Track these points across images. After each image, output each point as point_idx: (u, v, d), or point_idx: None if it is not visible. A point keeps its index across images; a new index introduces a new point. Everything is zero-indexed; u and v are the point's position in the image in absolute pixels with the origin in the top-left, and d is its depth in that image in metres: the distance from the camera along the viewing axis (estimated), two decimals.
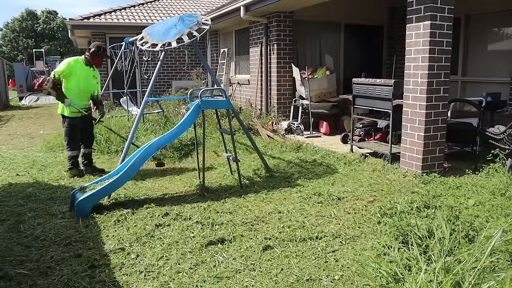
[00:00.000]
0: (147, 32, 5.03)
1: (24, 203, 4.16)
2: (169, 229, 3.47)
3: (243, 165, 5.54)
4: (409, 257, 2.61)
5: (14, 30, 39.78)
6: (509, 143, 4.53)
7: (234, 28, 10.73)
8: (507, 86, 6.96)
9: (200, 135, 5.68)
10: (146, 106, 5.37)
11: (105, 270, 2.79)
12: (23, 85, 20.95)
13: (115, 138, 6.69)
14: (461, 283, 2.09)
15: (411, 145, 5.03)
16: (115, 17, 11.99)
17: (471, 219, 3.28)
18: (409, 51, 4.96)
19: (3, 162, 6.01)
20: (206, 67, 5.44)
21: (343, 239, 3.23)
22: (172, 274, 2.73)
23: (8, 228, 3.54)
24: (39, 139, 8.37)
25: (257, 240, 3.22)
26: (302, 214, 3.76)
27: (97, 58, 5.22)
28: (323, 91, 8.08)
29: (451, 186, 4.39)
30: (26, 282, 2.62)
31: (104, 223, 3.60)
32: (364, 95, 6.00)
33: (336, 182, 4.77)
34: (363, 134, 6.71)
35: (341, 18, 9.14)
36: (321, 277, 2.66)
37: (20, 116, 13.20)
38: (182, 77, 12.58)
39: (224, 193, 4.46)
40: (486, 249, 2.26)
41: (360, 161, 5.62)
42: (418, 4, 4.78)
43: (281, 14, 8.27)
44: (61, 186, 4.78)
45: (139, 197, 4.35)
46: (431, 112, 4.84)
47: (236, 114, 5.60)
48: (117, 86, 10.69)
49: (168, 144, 5.78)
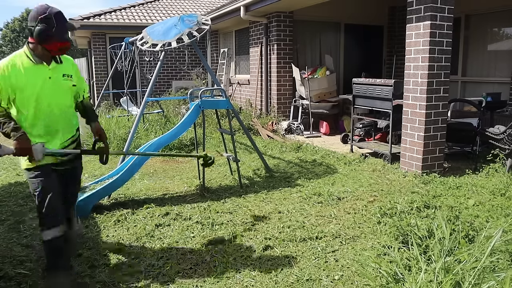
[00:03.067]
0: (147, 32, 5.03)
1: (24, 203, 4.16)
2: (169, 229, 3.47)
3: (243, 165, 5.54)
4: (409, 257, 2.62)
5: (14, 30, 39.78)
6: (509, 143, 4.53)
7: (234, 28, 10.73)
8: (507, 86, 6.96)
9: (200, 135, 5.69)
10: (146, 106, 5.37)
11: (105, 270, 2.79)
12: None
13: (115, 138, 6.69)
14: (461, 283, 2.09)
15: (411, 145, 5.02)
16: (115, 17, 11.98)
17: (471, 219, 3.28)
18: (409, 51, 4.96)
19: (3, 162, 6.01)
20: (206, 67, 5.44)
21: (343, 239, 3.23)
22: (172, 274, 2.73)
23: (8, 228, 3.54)
24: None
25: (257, 240, 3.22)
26: (302, 214, 3.76)
27: (52, 41, 2.46)
28: (323, 91, 8.08)
29: (451, 186, 4.39)
30: (26, 282, 2.62)
31: (104, 223, 3.60)
32: (364, 95, 6.00)
33: (336, 182, 4.77)
34: (363, 134, 6.71)
35: (341, 18, 9.14)
36: (321, 277, 2.66)
37: None
38: (182, 77, 12.57)
39: (224, 193, 4.46)
40: (486, 249, 2.26)
41: (360, 161, 5.62)
42: (418, 4, 4.78)
43: (281, 14, 8.27)
44: None
45: (139, 197, 4.35)
46: (431, 112, 4.84)
47: (236, 114, 5.60)
48: (117, 86, 10.69)
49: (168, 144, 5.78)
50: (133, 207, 3.95)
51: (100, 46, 12.01)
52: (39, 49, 2.48)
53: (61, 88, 2.60)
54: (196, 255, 2.99)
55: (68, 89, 2.65)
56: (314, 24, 9.02)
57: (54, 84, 2.55)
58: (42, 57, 2.50)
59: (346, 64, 9.48)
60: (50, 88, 2.53)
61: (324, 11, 8.34)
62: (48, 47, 2.47)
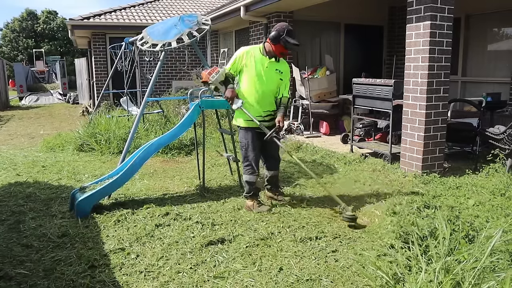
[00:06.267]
0: (147, 32, 5.02)
1: (24, 203, 4.16)
2: (169, 229, 3.47)
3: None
4: (409, 257, 2.62)
5: (14, 30, 39.75)
6: (509, 143, 4.53)
7: (234, 28, 10.73)
8: (507, 86, 6.96)
9: (200, 135, 5.69)
10: (146, 106, 5.36)
11: (105, 270, 2.79)
12: (23, 85, 20.97)
13: (115, 138, 6.69)
14: (461, 283, 2.09)
15: (411, 145, 5.02)
16: (115, 17, 11.98)
17: (471, 219, 3.28)
18: (409, 51, 4.96)
19: (3, 162, 6.01)
20: (206, 67, 5.43)
21: (343, 239, 3.23)
22: (172, 274, 2.73)
23: (8, 228, 3.54)
24: (39, 139, 8.37)
25: (257, 240, 3.22)
26: (302, 214, 3.76)
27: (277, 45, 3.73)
28: (323, 91, 8.08)
29: (451, 186, 4.39)
30: (26, 282, 2.62)
31: (104, 223, 3.60)
32: (364, 95, 6.00)
33: (336, 182, 4.76)
34: (363, 134, 6.71)
35: (341, 18, 9.14)
36: (321, 277, 2.66)
37: (20, 116, 13.21)
38: (182, 77, 12.57)
39: (224, 193, 4.46)
40: (486, 249, 2.26)
41: (360, 161, 5.62)
42: (418, 4, 4.78)
43: (281, 14, 8.27)
44: (61, 186, 4.78)
45: (139, 197, 4.35)
46: (431, 112, 4.84)
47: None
48: (117, 86, 10.69)
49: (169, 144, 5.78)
50: (133, 207, 3.95)
51: (100, 46, 12.01)
52: (269, 47, 3.78)
53: (271, 78, 3.81)
54: (196, 255, 2.99)
55: (276, 80, 3.84)
56: (314, 24, 9.02)
57: (268, 73, 3.79)
58: (269, 53, 3.79)
59: (346, 64, 9.47)
60: (266, 74, 3.79)
61: (324, 11, 8.34)
62: (275, 48, 3.74)
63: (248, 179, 3.91)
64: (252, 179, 3.90)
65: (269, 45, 3.76)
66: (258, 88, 3.78)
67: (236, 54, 3.85)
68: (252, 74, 3.77)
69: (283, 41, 3.66)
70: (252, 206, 3.88)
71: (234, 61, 3.81)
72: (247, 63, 3.77)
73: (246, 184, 3.95)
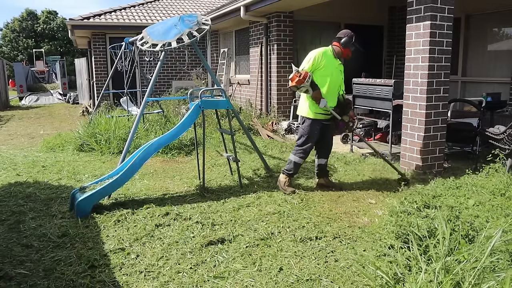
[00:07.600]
0: (147, 32, 5.03)
1: (24, 203, 4.15)
2: (169, 229, 3.47)
3: (243, 165, 5.54)
4: (409, 257, 2.61)
5: (14, 30, 39.75)
6: (509, 143, 4.53)
7: (234, 28, 10.73)
8: (507, 86, 6.96)
9: (200, 135, 5.68)
10: (146, 106, 5.36)
11: (105, 270, 2.79)
12: (23, 85, 20.96)
13: (115, 138, 6.69)
14: (461, 283, 2.09)
15: (411, 145, 5.02)
16: (115, 17, 11.98)
17: (471, 219, 3.27)
18: (409, 51, 4.96)
19: (3, 162, 6.01)
20: (206, 67, 5.44)
21: (343, 239, 3.23)
22: (172, 274, 2.73)
23: (8, 228, 3.53)
24: (39, 139, 8.37)
25: (257, 240, 3.22)
26: (302, 214, 3.76)
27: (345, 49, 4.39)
28: None
29: (451, 186, 4.38)
30: (26, 282, 2.62)
31: (104, 223, 3.60)
32: (364, 95, 6.00)
33: (337, 181, 4.76)
34: (363, 134, 6.71)
35: (341, 18, 9.13)
36: (321, 277, 2.66)
37: (20, 116, 13.21)
38: (182, 77, 12.57)
39: (224, 193, 4.46)
40: (486, 249, 2.26)
41: (360, 161, 5.62)
42: (418, 4, 4.78)
43: (281, 14, 8.27)
44: (61, 186, 4.78)
45: (139, 197, 4.35)
46: (431, 112, 4.84)
47: (236, 114, 5.60)
48: (117, 86, 10.69)
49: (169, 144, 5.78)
50: (133, 207, 3.95)
51: (100, 46, 12.01)
52: (338, 50, 4.35)
53: (338, 76, 4.36)
54: (196, 255, 2.99)
55: (341, 79, 4.42)
56: (314, 24, 9.02)
57: (336, 72, 4.33)
58: (337, 54, 4.36)
59: (346, 64, 9.44)
60: (335, 74, 4.31)
61: (324, 11, 8.34)
62: (344, 51, 4.34)
63: (297, 161, 4.41)
64: (300, 162, 4.43)
65: (339, 48, 4.32)
66: (330, 86, 4.26)
67: (312, 55, 4.22)
68: (326, 73, 4.23)
69: (352, 45, 4.33)
70: (284, 183, 4.43)
71: (312, 62, 4.19)
72: (323, 64, 4.21)
73: (293, 164, 4.41)
